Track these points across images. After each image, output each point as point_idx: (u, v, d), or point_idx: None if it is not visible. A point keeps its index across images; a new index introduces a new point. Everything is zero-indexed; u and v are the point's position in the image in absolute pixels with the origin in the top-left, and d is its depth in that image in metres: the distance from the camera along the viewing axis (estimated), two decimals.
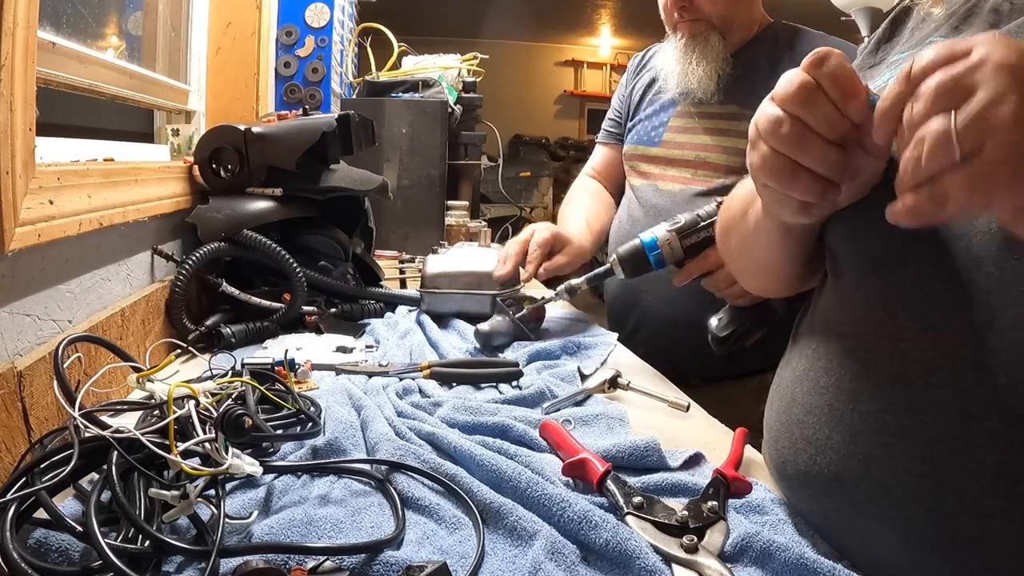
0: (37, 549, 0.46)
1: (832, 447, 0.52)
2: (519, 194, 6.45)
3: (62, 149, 0.94)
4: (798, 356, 0.60)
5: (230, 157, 1.13)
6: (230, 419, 0.55)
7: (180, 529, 0.51)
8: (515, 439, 0.70)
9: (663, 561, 0.50)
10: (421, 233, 1.94)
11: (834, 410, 0.52)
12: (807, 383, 0.56)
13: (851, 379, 0.52)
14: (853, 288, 0.55)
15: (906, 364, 0.48)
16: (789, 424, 0.57)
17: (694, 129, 1.26)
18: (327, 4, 1.99)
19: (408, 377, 0.89)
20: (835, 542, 0.53)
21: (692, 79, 1.21)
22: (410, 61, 2.20)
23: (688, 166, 1.25)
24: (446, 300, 1.20)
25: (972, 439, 0.43)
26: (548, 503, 0.55)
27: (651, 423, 0.78)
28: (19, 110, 0.62)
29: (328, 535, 0.51)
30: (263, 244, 1.05)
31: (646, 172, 1.32)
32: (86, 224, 0.75)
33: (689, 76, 1.22)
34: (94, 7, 1.14)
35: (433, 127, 1.93)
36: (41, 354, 0.64)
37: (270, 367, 0.79)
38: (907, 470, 0.46)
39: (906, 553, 0.46)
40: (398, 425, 0.71)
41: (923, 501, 0.45)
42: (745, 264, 0.73)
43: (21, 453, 0.58)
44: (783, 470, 0.58)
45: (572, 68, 7.68)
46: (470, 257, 1.25)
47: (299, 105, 1.84)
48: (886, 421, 0.48)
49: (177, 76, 1.52)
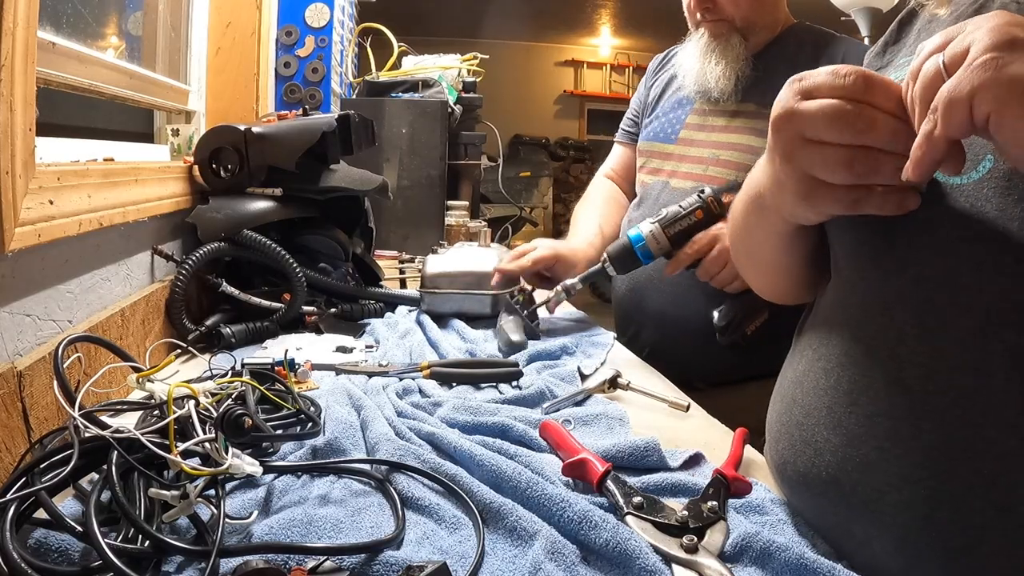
0: (37, 549, 0.46)
1: (830, 449, 0.52)
2: (519, 194, 6.45)
3: (62, 149, 0.94)
4: (799, 357, 0.60)
5: (230, 157, 1.13)
6: (230, 419, 0.55)
7: (180, 529, 0.51)
8: (515, 439, 0.70)
9: (663, 561, 0.50)
10: (421, 233, 1.94)
11: (833, 412, 0.52)
12: (807, 384, 0.56)
13: (849, 382, 0.51)
14: (853, 289, 0.55)
15: (904, 369, 0.47)
16: (789, 425, 0.57)
17: (710, 127, 1.26)
18: (327, 4, 1.99)
19: (408, 377, 0.89)
20: (834, 544, 0.53)
21: (710, 78, 1.21)
22: (410, 61, 2.20)
23: (702, 163, 1.25)
24: (446, 300, 1.20)
25: (969, 447, 0.43)
26: (548, 503, 0.55)
27: (651, 423, 0.78)
28: (19, 110, 0.62)
29: (328, 535, 0.51)
30: (263, 244, 1.05)
31: (659, 169, 1.31)
32: (86, 224, 0.75)
33: (707, 75, 1.21)
34: (94, 7, 1.14)
35: (433, 127, 1.93)
36: (41, 354, 0.64)
37: (270, 367, 0.79)
38: (902, 476, 0.46)
39: (902, 558, 0.46)
40: (398, 425, 0.71)
41: (918, 507, 0.45)
42: (754, 266, 0.73)
43: (21, 453, 0.58)
44: (783, 471, 0.58)
45: (572, 68, 7.68)
46: (470, 257, 1.25)
47: (299, 105, 1.84)
48: (883, 425, 0.48)
49: (177, 76, 1.52)
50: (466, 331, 1.12)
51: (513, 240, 1.46)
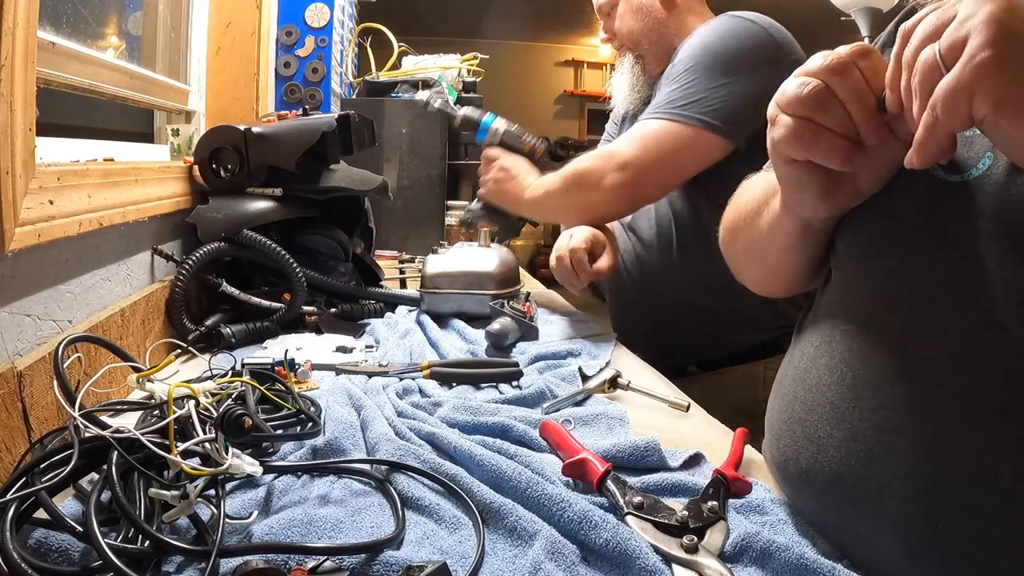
0: (37, 549, 0.46)
1: (833, 445, 0.52)
2: None
3: (62, 149, 0.94)
4: (799, 354, 0.60)
5: (230, 157, 1.13)
6: (230, 419, 0.55)
7: (180, 529, 0.51)
8: (515, 439, 0.70)
9: (663, 561, 0.50)
10: (421, 233, 1.94)
11: (836, 408, 0.52)
12: (809, 381, 0.56)
13: (854, 377, 0.52)
14: (858, 286, 0.55)
15: (908, 362, 0.48)
16: (791, 422, 0.57)
17: None
18: (327, 4, 1.99)
19: (408, 377, 0.89)
20: (836, 541, 0.53)
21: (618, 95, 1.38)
22: (410, 61, 2.20)
23: None
24: (446, 300, 1.20)
25: (973, 439, 0.43)
26: (548, 503, 0.55)
27: (651, 423, 0.78)
28: (19, 110, 0.62)
29: (328, 535, 0.51)
30: (263, 244, 1.05)
31: None
32: (86, 224, 0.75)
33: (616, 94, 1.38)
34: (94, 7, 1.14)
35: (433, 127, 1.93)
36: (41, 354, 0.64)
37: (270, 367, 0.79)
38: (907, 469, 0.46)
39: (905, 552, 0.46)
40: (398, 425, 0.70)
41: (922, 500, 0.45)
42: (754, 265, 0.73)
43: (21, 453, 0.58)
44: (784, 468, 0.58)
45: (572, 68, 7.69)
46: (470, 257, 1.25)
47: (299, 105, 1.84)
48: (888, 419, 0.48)
49: (177, 76, 1.52)
50: (466, 331, 1.12)
51: (513, 240, 1.46)
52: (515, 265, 1.29)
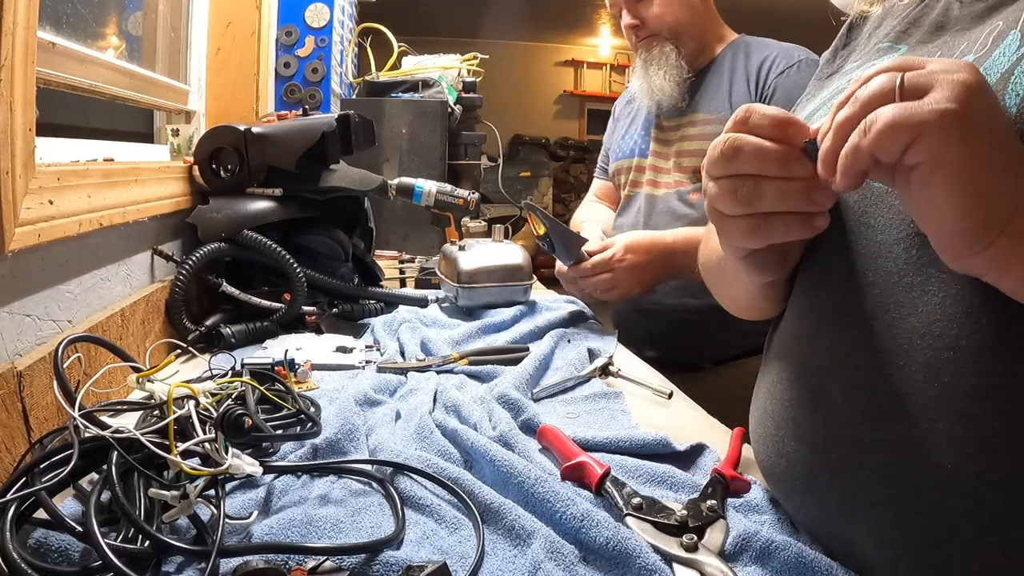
0: (37, 549, 0.46)
1: (800, 459, 0.52)
2: (519, 194, 6.44)
3: (62, 149, 0.94)
4: (768, 369, 0.61)
5: (230, 157, 1.13)
6: (230, 419, 0.55)
7: (180, 529, 0.51)
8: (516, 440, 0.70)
9: (663, 560, 0.50)
10: (421, 233, 1.93)
11: (798, 422, 0.53)
12: (775, 396, 0.57)
13: (809, 392, 0.52)
14: (805, 303, 0.56)
15: (858, 374, 0.48)
16: (764, 437, 0.58)
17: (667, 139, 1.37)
18: (327, 4, 1.99)
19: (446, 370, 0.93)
20: (824, 546, 0.53)
21: (655, 88, 1.33)
22: (410, 61, 2.19)
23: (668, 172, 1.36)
24: (484, 293, 1.28)
25: (927, 441, 0.43)
26: (553, 499, 0.55)
27: (651, 423, 0.78)
28: (19, 110, 0.62)
29: (328, 535, 0.51)
30: (263, 244, 1.05)
31: (637, 181, 1.43)
32: (86, 224, 0.75)
33: (652, 86, 1.33)
34: (94, 7, 1.14)
35: (433, 127, 1.93)
36: (41, 354, 0.64)
37: (270, 367, 0.79)
38: (870, 477, 0.47)
39: (882, 556, 0.47)
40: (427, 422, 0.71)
41: (888, 505, 0.46)
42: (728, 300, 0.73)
43: (21, 453, 0.58)
44: (769, 479, 0.59)
45: (572, 68, 7.67)
46: (499, 252, 1.32)
47: (299, 105, 1.83)
48: (845, 431, 0.49)
49: (177, 76, 1.52)
50: (465, 330, 1.12)
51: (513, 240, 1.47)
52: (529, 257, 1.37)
